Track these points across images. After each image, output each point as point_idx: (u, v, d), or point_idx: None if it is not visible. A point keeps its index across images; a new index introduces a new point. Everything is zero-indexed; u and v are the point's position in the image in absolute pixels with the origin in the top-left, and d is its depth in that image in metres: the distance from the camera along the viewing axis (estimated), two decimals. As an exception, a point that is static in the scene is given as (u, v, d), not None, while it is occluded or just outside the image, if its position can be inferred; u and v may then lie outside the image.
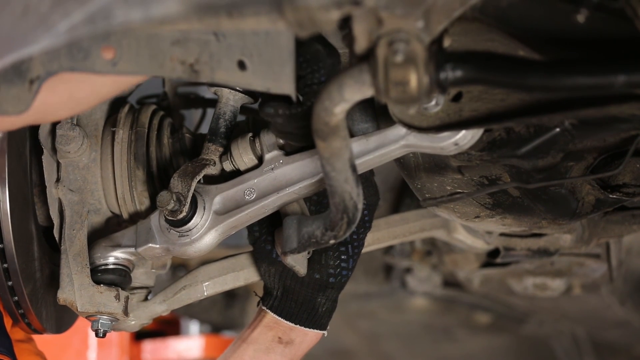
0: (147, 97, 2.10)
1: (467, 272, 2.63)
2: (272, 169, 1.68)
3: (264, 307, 1.81)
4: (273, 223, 1.77)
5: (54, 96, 1.39)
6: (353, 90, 1.29)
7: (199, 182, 1.70)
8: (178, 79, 2.06)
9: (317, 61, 1.58)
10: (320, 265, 1.76)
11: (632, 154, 1.57)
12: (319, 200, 1.78)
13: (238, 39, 1.32)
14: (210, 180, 1.75)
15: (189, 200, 1.67)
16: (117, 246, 1.76)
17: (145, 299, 1.89)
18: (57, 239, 1.80)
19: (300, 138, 1.61)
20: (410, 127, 1.49)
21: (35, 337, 1.99)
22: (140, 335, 3.66)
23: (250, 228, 1.79)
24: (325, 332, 1.82)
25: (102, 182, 1.80)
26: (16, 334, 1.94)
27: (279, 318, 1.79)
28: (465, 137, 1.51)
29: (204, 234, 1.69)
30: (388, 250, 2.90)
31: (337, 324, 1.77)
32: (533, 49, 1.43)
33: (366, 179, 1.77)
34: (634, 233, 2.03)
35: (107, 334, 1.79)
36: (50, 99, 1.39)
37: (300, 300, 1.78)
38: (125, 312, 1.78)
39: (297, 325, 1.79)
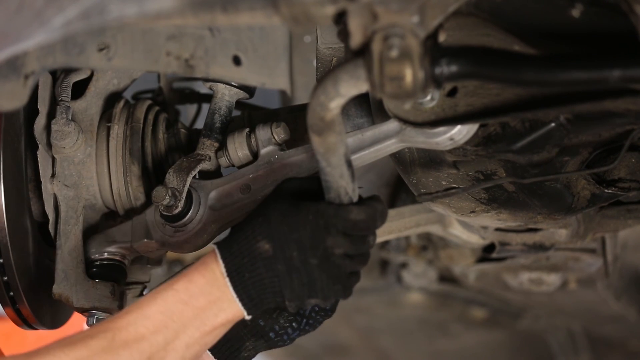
0: (142, 93, 2.10)
1: (463, 267, 2.63)
2: (268, 164, 1.68)
3: None
4: None
5: None
6: (348, 86, 1.29)
7: (194, 177, 1.70)
8: (173, 74, 2.06)
9: None
10: (272, 318, 1.64)
11: (627, 148, 1.57)
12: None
13: (233, 34, 1.32)
14: (205, 175, 1.75)
15: (184, 195, 1.67)
16: (113, 241, 1.76)
17: (141, 294, 1.89)
18: (52, 234, 1.80)
19: None
20: (405, 122, 1.49)
21: (31, 332, 1.98)
22: (136, 331, 3.65)
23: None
24: None
25: (97, 177, 1.79)
26: None
27: None
28: (461, 132, 1.51)
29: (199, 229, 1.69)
30: (383, 245, 2.90)
31: (333, 319, 1.76)
32: (528, 43, 1.43)
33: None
34: (629, 228, 2.03)
35: (103, 330, 1.79)
36: None
37: (229, 337, 1.62)
38: (121, 308, 1.77)
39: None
